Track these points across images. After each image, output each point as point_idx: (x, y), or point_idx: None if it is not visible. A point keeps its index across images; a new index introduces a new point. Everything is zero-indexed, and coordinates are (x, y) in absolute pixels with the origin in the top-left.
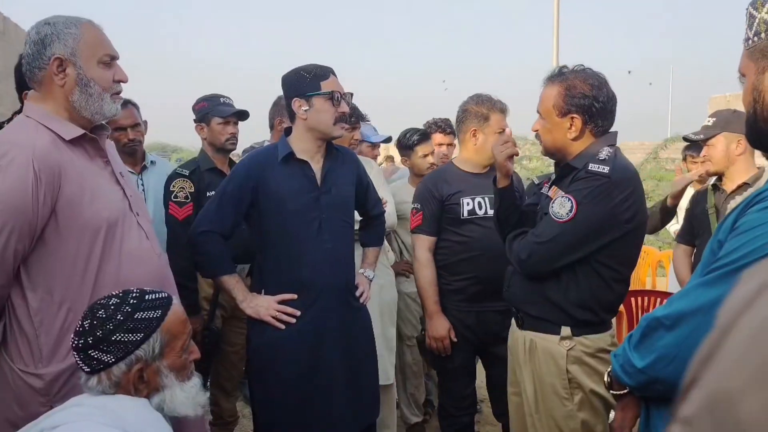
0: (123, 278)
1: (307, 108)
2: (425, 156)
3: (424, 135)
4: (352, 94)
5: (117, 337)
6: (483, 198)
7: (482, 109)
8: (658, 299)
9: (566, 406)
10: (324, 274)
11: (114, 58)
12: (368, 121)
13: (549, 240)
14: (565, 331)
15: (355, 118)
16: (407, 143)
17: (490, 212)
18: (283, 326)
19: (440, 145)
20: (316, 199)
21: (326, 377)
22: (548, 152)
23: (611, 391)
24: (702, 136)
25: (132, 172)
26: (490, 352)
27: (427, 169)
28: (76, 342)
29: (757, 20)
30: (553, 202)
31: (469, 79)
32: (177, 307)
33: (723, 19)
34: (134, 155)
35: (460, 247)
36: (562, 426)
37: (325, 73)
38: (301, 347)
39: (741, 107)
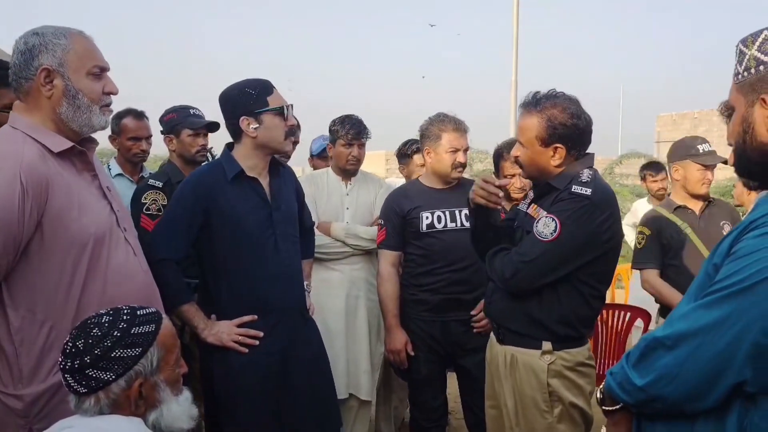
0: (109, 295)
1: (257, 126)
2: (422, 165)
3: None
4: (292, 106)
5: (116, 353)
6: (443, 212)
7: (434, 128)
8: (620, 312)
9: (546, 419)
10: (284, 291)
11: (104, 69)
12: (370, 137)
13: (534, 259)
14: (546, 345)
15: (354, 132)
16: (406, 152)
17: (450, 225)
18: (246, 350)
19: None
20: (269, 217)
21: (294, 394)
22: (530, 177)
23: (603, 407)
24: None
25: (131, 181)
26: (458, 363)
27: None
28: (69, 363)
29: (747, 56)
30: (537, 222)
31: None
32: (167, 321)
33: (670, 43)
34: (137, 165)
35: (421, 260)
36: None
37: (269, 87)
38: (270, 368)
39: (686, 124)
